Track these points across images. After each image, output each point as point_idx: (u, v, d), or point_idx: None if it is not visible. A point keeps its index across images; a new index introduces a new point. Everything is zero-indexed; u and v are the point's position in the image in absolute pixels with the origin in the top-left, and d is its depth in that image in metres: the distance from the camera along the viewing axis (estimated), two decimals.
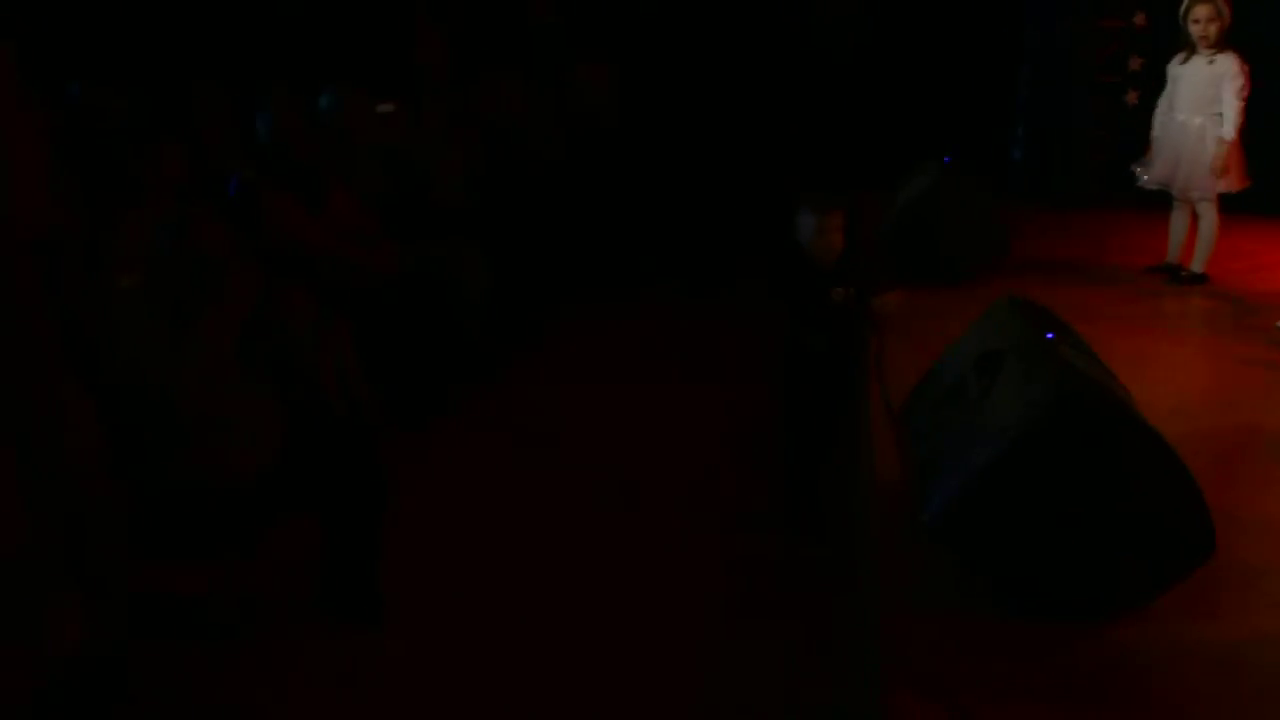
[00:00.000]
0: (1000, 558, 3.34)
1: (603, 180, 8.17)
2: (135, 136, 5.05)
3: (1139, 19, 8.22)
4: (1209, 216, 6.50)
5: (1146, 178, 6.70)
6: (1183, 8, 6.48)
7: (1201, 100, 6.40)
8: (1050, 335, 3.69)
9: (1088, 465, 3.25)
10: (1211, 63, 6.35)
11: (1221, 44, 6.33)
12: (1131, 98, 8.23)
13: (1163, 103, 6.65)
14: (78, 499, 1.29)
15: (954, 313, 4.92)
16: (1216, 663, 3.19)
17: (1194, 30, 6.39)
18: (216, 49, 8.15)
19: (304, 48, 8.56)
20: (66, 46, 7.63)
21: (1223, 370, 5.54)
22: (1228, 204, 6.53)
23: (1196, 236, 6.60)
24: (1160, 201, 6.81)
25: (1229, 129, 6.27)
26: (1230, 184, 6.37)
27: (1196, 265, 6.61)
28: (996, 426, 3.43)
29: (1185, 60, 6.48)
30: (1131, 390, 3.72)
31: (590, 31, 8.62)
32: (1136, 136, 7.00)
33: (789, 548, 4.45)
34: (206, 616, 3.92)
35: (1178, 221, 6.72)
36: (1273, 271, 6.87)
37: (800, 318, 4.37)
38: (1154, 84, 7.02)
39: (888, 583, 3.65)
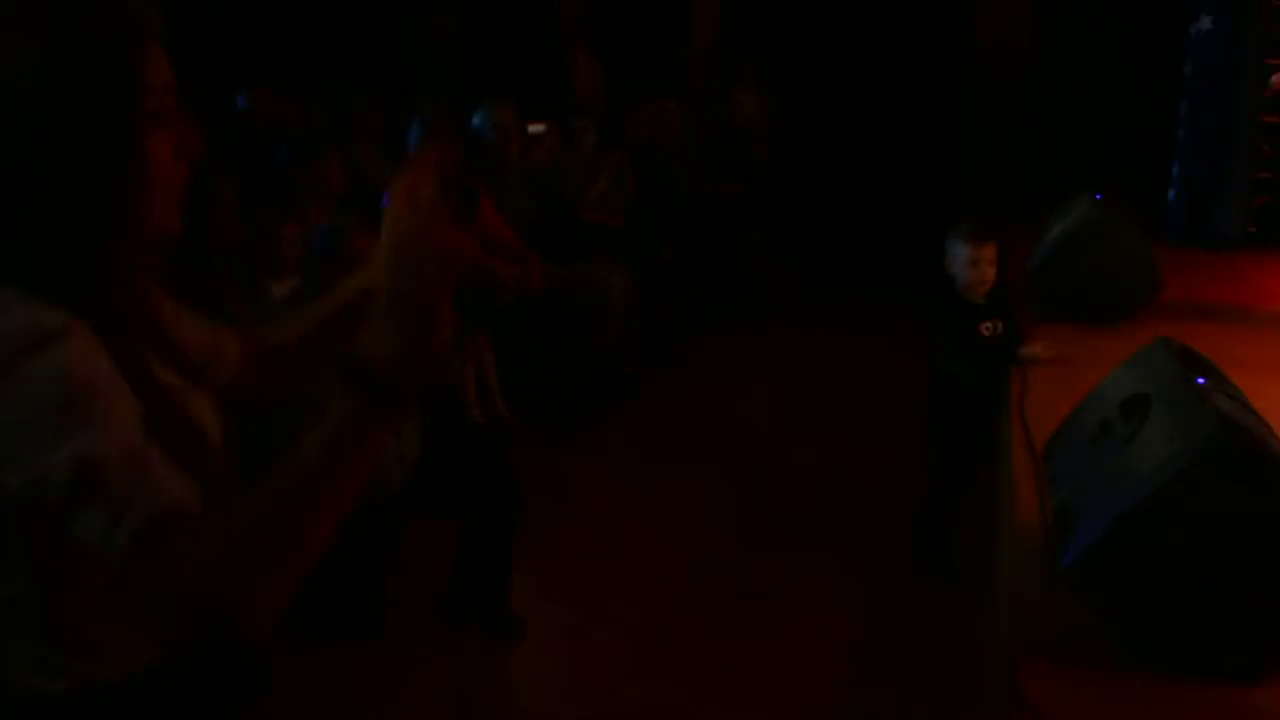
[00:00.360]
0: (1140, 609, 3.24)
1: (753, 203, 8.21)
2: (298, 148, 5.20)
3: None
4: None
5: None
6: None
7: None
8: (1202, 380, 3.58)
9: (1236, 516, 3.14)
10: None
11: None
12: None
13: None
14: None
15: (1102, 354, 4.80)
16: None
17: None
18: (372, 64, 8.37)
19: (458, 66, 8.74)
20: (232, 58, 7.89)
21: None
22: None
23: None
24: None
25: None
26: None
27: None
28: (1142, 472, 3.33)
29: None
30: None
31: (749, 58, 8.66)
32: None
33: (919, 582, 4.40)
34: (339, 618, 4.01)
35: None
36: None
37: (948, 349, 4.33)
38: None
39: (1019, 626, 3.58)
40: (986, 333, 4.25)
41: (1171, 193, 8.49)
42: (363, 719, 3.65)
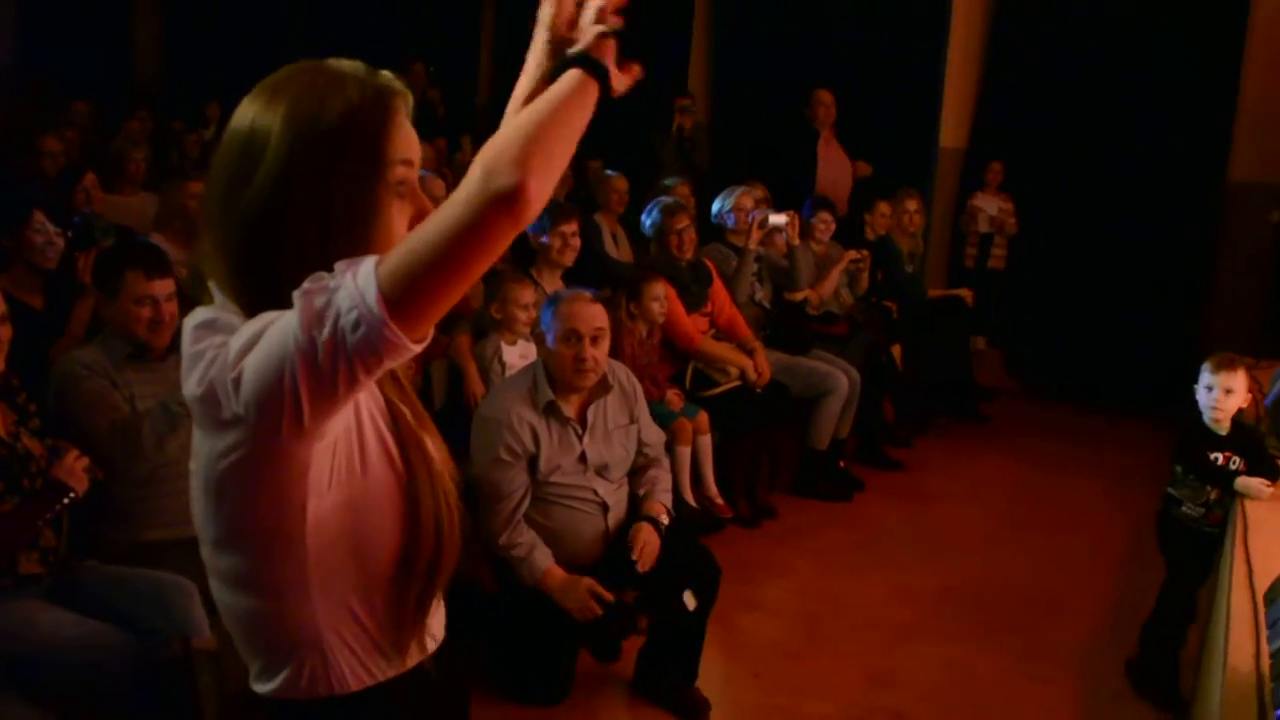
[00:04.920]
0: None
1: (987, 311, 8.08)
2: (550, 215, 5.34)
3: None
4: None
5: None
6: None
7: None
8: None
9: None
10: None
11: None
12: None
13: None
14: None
15: None
16: None
17: None
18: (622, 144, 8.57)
19: (703, 151, 8.89)
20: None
21: None
22: None
23: None
24: None
25: None
26: None
27: None
28: None
29: None
30: None
31: (998, 159, 8.52)
32: None
33: (1132, 708, 4.22)
34: (530, 681, 4.07)
35: None
36: None
37: (1177, 476, 4.17)
38: None
39: None
40: (1221, 465, 4.06)
41: None
42: None
